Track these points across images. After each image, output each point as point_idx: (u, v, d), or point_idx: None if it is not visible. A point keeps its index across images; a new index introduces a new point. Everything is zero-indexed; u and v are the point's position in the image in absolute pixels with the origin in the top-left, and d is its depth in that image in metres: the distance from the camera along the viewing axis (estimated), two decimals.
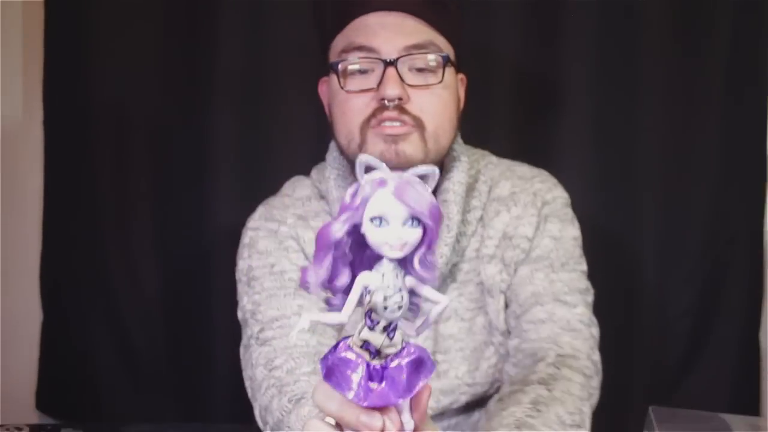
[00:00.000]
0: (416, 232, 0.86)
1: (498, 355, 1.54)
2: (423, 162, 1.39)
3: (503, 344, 1.52)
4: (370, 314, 0.91)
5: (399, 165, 1.36)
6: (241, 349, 1.54)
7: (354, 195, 0.87)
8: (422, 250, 0.87)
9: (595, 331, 1.49)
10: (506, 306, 1.53)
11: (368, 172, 0.87)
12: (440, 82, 1.43)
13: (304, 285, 0.86)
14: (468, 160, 1.54)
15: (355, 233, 0.89)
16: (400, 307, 0.88)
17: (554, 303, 1.48)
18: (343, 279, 0.89)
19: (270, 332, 1.46)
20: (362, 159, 0.86)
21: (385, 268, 0.89)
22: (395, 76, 1.40)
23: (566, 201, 1.57)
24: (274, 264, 1.52)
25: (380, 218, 0.85)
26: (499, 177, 1.57)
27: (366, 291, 0.89)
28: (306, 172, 1.64)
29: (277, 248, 1.53)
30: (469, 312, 1.53)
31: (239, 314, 1.57)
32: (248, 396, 1.48)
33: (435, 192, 1.40)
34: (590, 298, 1.52)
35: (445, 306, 0.89)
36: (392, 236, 0.85)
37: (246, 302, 1.53)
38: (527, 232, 1.52)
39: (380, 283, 0.89)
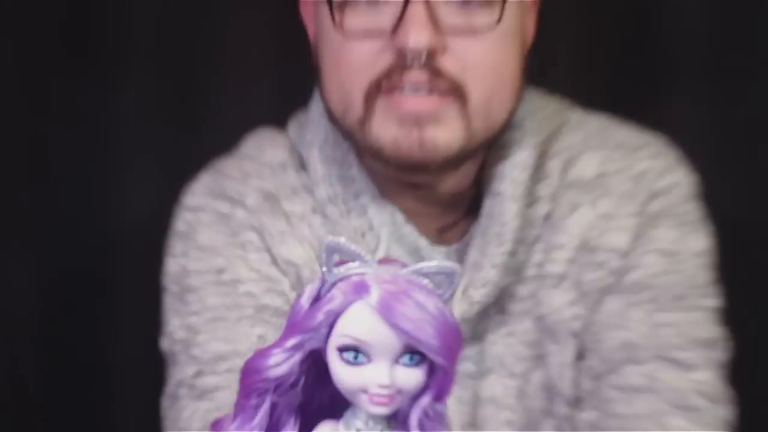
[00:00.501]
0: (416, 375, 0.66)
1: None
2: (463, 152, 1.05)
3: (571, 419, 1.13)
4: None
5: (424, 161, 1.03)
6: (164, 401, 1.15)
7: (314, 303, 0.66)
8: (426, 400, 0.67)
9: (726, 410, 1.11)
10: (579, 358, 1.14)
11: (341, 262, 0.65)
12: (498, 21, 1.03)
13: None
14: (537, 127, 1.15)
15: (310, 359, 0.67)
16: None
17: (659, 362, 1.10)
18: None
19: (212, 378, 1.09)
20: (330, 244, 0.65)
21: (361, 421, 0.67)
22: (422, 15, 1.00)
23: (691, 190, 1.18)
24: (224, 269, 1.14)
25: (355, 350, 0.65)
26: (581, 146, 1.18)
27: None
28: (263, 126, 1.25)
29: (228, 243, 1.14)
30: (521, 363, 1.14)
31: (164, 344, 1.17)
32: None
33: (482, 179, 1.12)
34: (721, 354, 1.12)
35: None
36: (375, 380, 0.65)
37: (176, 326, 1.14)
38: (620, 241, 1.13)
39: None
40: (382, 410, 0.66)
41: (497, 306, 1.13)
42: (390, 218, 1.07)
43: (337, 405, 0.69)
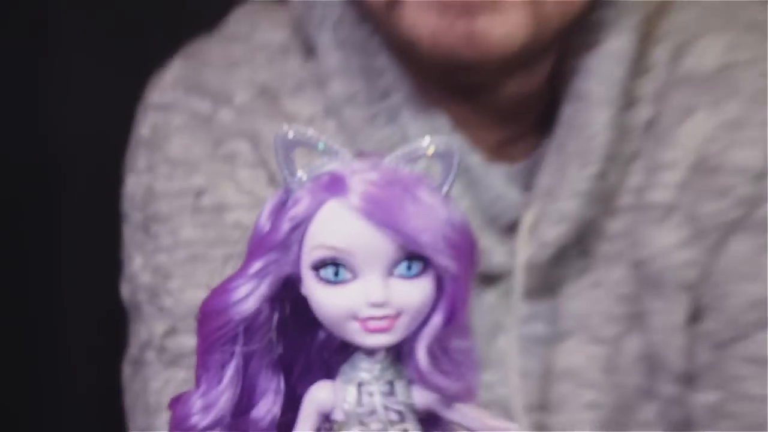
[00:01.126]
0: (419, 288, 0.59)
1: (667, 422, 1.05)
2: (528, 48, 0.93)
3: (681, 401, 1.03)
4: None
5: (475, 60, 0.93)
6: (125, 368, 1.07)
7: (276, 213, 0.60)
8: (435, 322, 0.60)
9: None
10: (694, 320, 1.03)
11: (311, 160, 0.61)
12: None
13: (180, 426, 0.61)
14: (635, 2, 1.03)
15: (286, 297, 0.62)
16: None
17: None
18: (267, 404, 0.63)
19: (189, 338, 0.89)
20: (282, 138, 0.60)
21: (364, 371, 0.61)
22: None
23: None
24: (204, 190, 1.05)
25: (335, 263, 0.59)
26: (697, 27, 1.07)
27: (327, 424, 0.62)
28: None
29: (210, 156, 1.05)
30: (611, 325, 1.04)
31: (124, 292, 1.08)
32: None
33: (559, 77, 1.02)
34: None
35: None
36: (365, 298, 0.59)
37: (140, 268, 1.05)
38: (752, 159, 1.02)
39: (354, 406, 0.61)
40: (381, 340, 0.60)
41: (579, 248, 1.05)
42: (430, 126, 1.00)
43: (333, 359, 0.65)
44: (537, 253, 1.00)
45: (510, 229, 1.03)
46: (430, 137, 0.61)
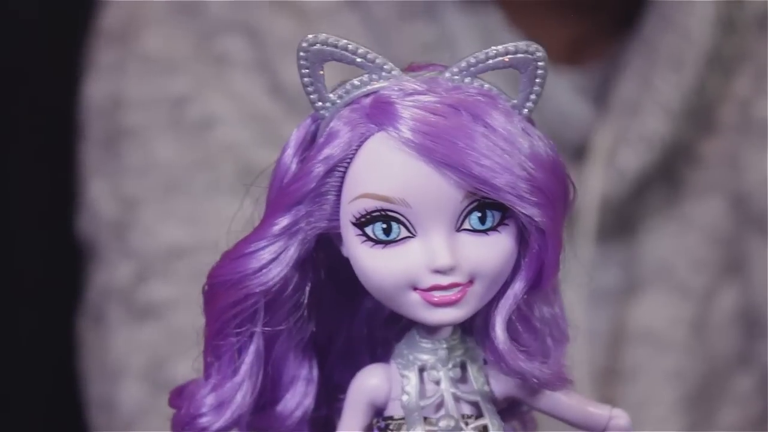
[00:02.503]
0: (496, 245, 0.54)
1: (766, 394, 1.01)
2: None
3: None
4: None
5: None
6: (81, 321, 1.03)
7: (304, 150, 0.55)
8: (518, 288, 0.54)
9: None
10: None
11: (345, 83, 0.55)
12: None
13: (186, 429, 0.57)
14: None
15: (319, 260, 0.57)
16: None
17: None
18: (296, 395, 0.59)
19: (162, 286, 0.98)
20: (309, 47, 0.54)
21: (427, 353, 0.56)
22: None
23: None
24: (187, 97, 1.00)
25: (386, 218, 0.53)
26: None
27: (380, 422, 0.57)
28: None
29: (194, 54, 1.00)
30: (703, 275, 0.99)
31: (81, 226, 1.03)
32: None
33: None
34: None
35: None
36: (428, 262, 0.53)
37: (101, 194, 1.01)
38: None
39: (416, 398, 0.56)
40: (449, 315, 0.54)
41: (665, 176, 1.01)
42: (479, 22, 0.97)
43: (382, 336, 0.59)
44: (614, 184, 0.96)
45: (579, 153, 0.98)
46: (507, 45, 0.54)
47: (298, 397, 0.58)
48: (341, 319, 0.59)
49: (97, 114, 1.02)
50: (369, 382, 0.56)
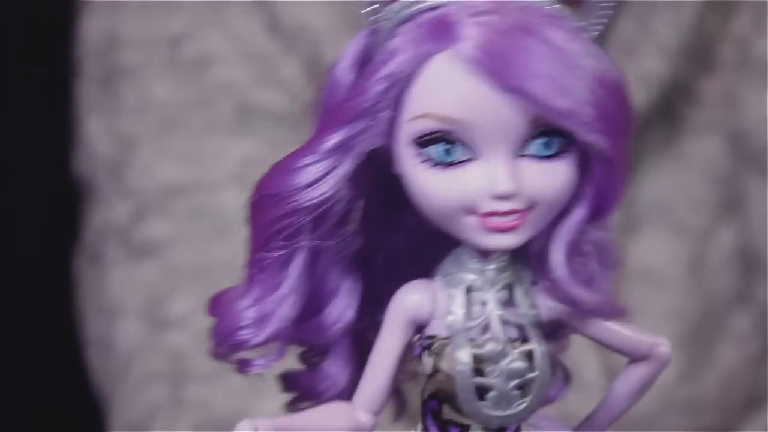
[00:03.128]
0: (559, 172, 0.53)
1: (765, 334, 1.02)
2: None
3: None
4: (434, 408, 0.57)
5: None
6: (78, 259, 1.04)
7: (361, 64, 0.55)
8: (578, 216, 0.54)
9: None
10: None
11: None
12: None
13: (225, 342, 0.56)
14: None
15: (369, 175, 0.56)
16: (522, 388, 0.55)
17: None
18: (338, 307, 0.58)
19: (161, 225, 0.99)
20: None
21: (474, 272, 0.55)
22: None
23: None
24: (182, 35, 1.01)
25: (447, 139, 0.52)
26: None
27: (423, 340, 0.56)
28: None
29: None
30: (699, 212, 1.02)
31: (78, 164, 1.05)
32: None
33: None
34: None
35: (660, 368, 0.57)
36: (488, 187, 0.52)
37: (98, 134, 1.01)
38: None
39: (462, 318, 0.55)
40: (505, 241, 0.53)
41: (664, 116, 1.01)
42: None
43: (426, 252, 0.57)
44: None
45: None
46: None
47: (340, 308, 0.58)
48: (385, 234, 0.59)
49: (94, 52, 1.01)
50: (412, 298, 0.55)
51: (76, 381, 1.11)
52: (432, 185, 0.52)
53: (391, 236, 0.58)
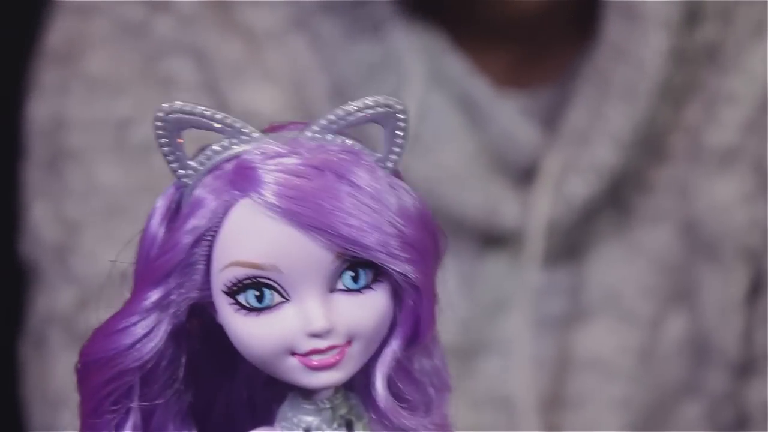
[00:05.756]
0: (371, 303, 0.53)
1: (714, 423, 1.01)
2: None
3: (733, 398, 1.01)
4: None
5: None
6: (23, 345, 1.03)
7: (170, 219, 0.54)
8: (395, 345, 0.54)
9: None
10: (755, 296, 0.99)
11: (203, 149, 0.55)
12: None
13: None
14: None
15: (193, 328, 0.56)
16: None
17: None
18: None
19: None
20: (166, 116, 0.53)
21: (311, 414, 0.55)
22: None
23: None
24: (130, 119, 1.00)
25: (257, 285, 0.52)
26: None
27: None
28: None
29: (140, 76, 1.02)
30: (651, 301, 0.99)
31: (22, 248, 1.04)
32: None
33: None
34: None
35: None
36: (304, 326, 0.52)
37: (43, 217, 1.01)
38: None
39: None
40: (330, 378, 0.53)
41: (614, 204, 1.01)
42: (424, 43, 0.97)
43: (265, 399, 0.58)
44: (561, 210, 0.95)
45: (526, 176, 0.97)
46: (366, 99, 0.54)
47: None
48: (219, 386, 0.58)
49: (40, 135, 1.01)
50: None
51: None
52: (249, 332, 0.52)
53: (228, 387, 0.58)
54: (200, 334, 0.55)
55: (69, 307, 0.96)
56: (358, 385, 0.55)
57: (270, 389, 0.56)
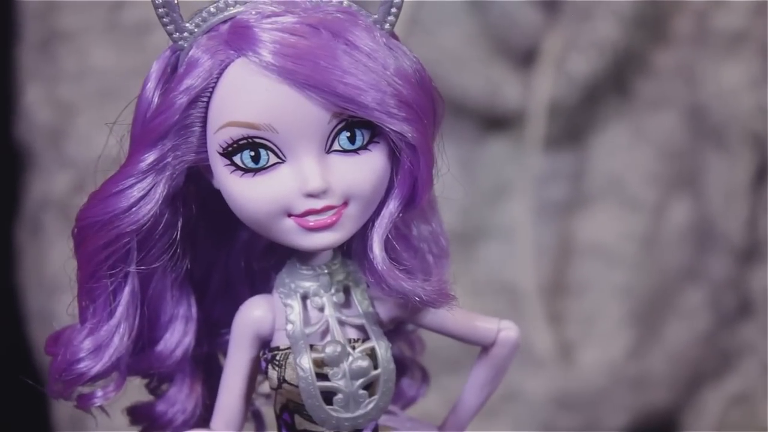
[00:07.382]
0: (367, 164, 0.53)
1: (716, 310, 1.03)
2: None
3: (736, 284, 1.03)
4: (287, 421, 0.56)
5: None
6: (17, 232, 1.05)
7: (165, 82, 0.53)
8: (392, 206, 0.54)
9: None
10: (760, 182, 1.02)
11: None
12: None
13: (63, 376, 0.54)
14: None
15: (191, 194, 0.55)
16: (368, 387, 0.55)
17: None
18: (176, 334, 0.57)
19: None
20: None
21: (308, 279, 0.55)
22: None
23: None
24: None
25: (253, 145, 0.52)
26: None
27: (267, 354, 0.56)
28: None
29: None
30: (655, 188, 1.00)
31: (15, 131, 1.04)
32: None
33: None
34: None
35: (509, 353, 0.56)
36: (299, 186, 0.52)
37: (36, 100, 1.00)
38: None
39: (300, 326, 0.55)
40: (326, 239, 0.52)
41: (618, 87, 1.01)
42: None
43: (263, 267, 0.58)
44: (563, 89, 0.97)
45: (527, 57, 0.95)
46: None
47: (178, 336, 0.57)
48: (217, 254, 0.58)
49: (33, 16, 0.98)
50: (252, 314, 0.55)
51: (17, 354, 1.07)
52: (245, 193, 0.52)
53: (226, 255, 0.58)
54: (198, 201, 0.55)
55: (64, 192, 0.96)
56: (357, 252, 0.54)
57: (268, 259, 0.56)
